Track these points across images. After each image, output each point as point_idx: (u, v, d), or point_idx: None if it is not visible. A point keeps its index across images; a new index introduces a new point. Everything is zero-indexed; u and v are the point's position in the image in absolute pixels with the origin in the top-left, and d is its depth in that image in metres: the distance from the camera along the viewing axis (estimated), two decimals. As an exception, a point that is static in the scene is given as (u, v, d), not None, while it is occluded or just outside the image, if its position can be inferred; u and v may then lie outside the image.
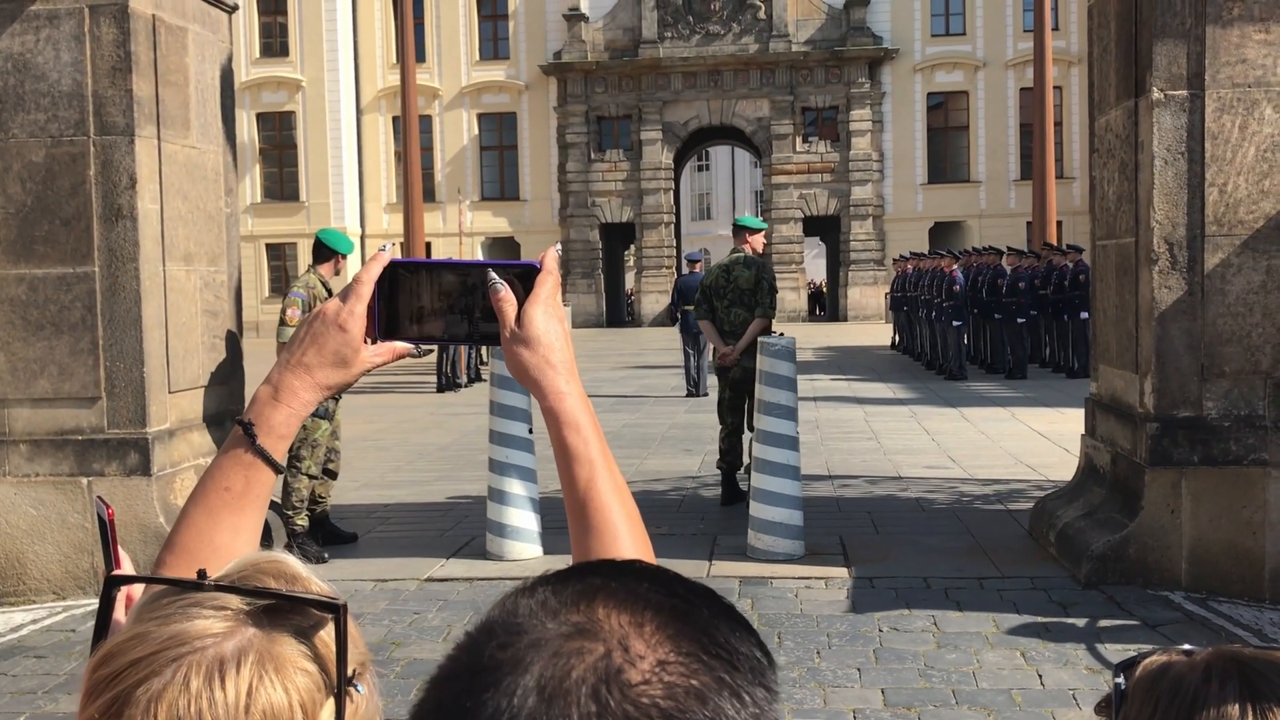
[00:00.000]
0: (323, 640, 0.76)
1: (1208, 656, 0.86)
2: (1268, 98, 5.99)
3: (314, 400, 1.11)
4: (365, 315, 1.11)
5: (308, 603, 0.76)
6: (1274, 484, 5.99)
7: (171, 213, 6.68)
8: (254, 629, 0.74)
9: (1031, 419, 13.15)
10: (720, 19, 37.55)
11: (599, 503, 1.08)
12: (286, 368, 1.11)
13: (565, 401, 1.10)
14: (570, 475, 1.09)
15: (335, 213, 37.50)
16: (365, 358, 1.12)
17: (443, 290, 1.14)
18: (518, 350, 1.10)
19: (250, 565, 0.79)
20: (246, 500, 1.08)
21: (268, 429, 1.09)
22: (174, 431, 6.65)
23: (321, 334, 1.10)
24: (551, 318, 1.11)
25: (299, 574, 0.80)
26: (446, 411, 15.49)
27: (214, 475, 1.09)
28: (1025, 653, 5.19)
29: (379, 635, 5.63)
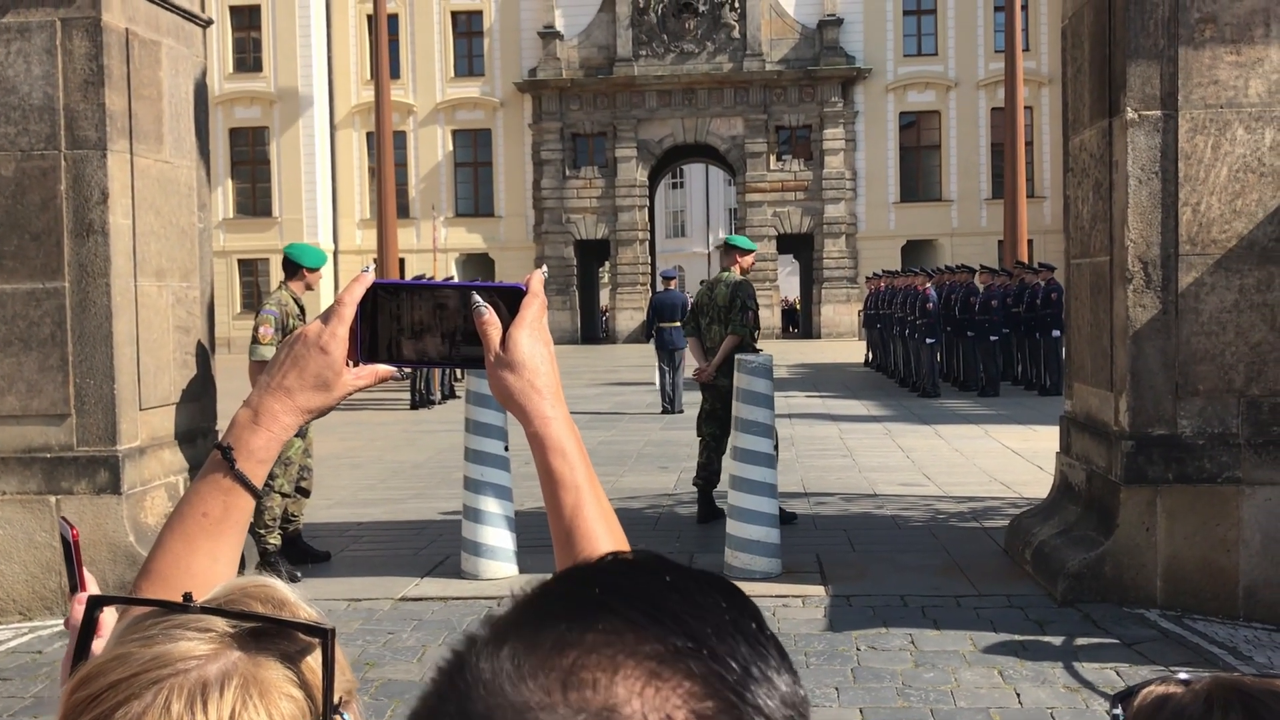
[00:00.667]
0: (309, 666, 0.73)
1: (1209, 686, 0.85)
2: (1239, 118, 6.05)
3: (295, 424, 1.09)
4: (347, 338, 1.09)
5: (295, 627, 0.73)
6: (1247, 502, 6.02)
7: (143, 228, 6.61)
8: (239, 653, 0.72)
9: (1005, 436, 13.21)
10: (695, 38, 37.72)
11: (586, 529, 1.06)
12: (267, 391, 1.08)
13: (551, 426, 1.08)
14: (556, 501, 1.07)
15: (309, 228, 37.33)
16: (347, 381, 1.09)
17: (425, 313, 1.12)
18: (502, 374, 1.09)
19: (237, 589, 0.77)
20: (225, 526, 1.05)
21: (247, 453, 1.06)
22: (145, 449, 6.56)
23: (303, 357, 1.08)
24: (537, 341, 1.10)
25: (287, 599, 0.77)
26: (421, 429, 15.41)
27: (191, 501, 1.06)
28: (1003, 671, 5.19)
29: (352, 656, 5.56)
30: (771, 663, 0.56)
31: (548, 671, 0.54)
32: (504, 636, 0.56)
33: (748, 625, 0.57)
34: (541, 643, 0.55)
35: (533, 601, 0.58)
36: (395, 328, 1.11)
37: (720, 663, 0.54)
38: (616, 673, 0.53)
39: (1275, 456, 6.01)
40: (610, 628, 0.55)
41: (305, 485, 7.47)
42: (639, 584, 0.57)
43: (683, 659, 0.54)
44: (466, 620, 6.11)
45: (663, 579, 0.58)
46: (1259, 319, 6.04)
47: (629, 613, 0.55)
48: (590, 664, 0.54)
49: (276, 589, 0.78)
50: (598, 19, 38.22)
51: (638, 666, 0.53)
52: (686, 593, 0.57)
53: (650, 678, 0.53)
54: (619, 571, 0.58)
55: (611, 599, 0.56)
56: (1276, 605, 5.95)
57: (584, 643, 0.54)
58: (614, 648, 0.54)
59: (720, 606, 0.57)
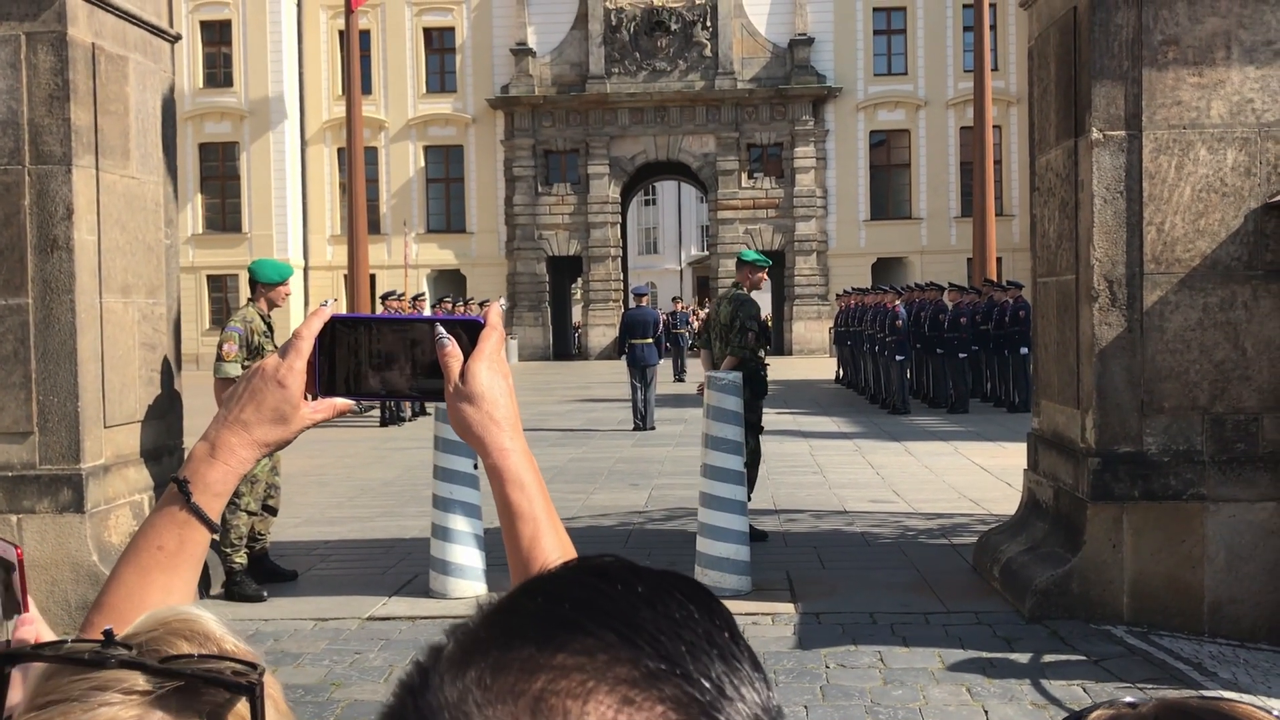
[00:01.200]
0: (239, 715, 0.71)
1: (1155, 709, 0.85)
2: (1202, 139, 6.12)
3: (252, 458, 1.09)
4: (305, 371, 1.09)
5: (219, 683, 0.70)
6: (1212, 518, 6.07)
7: (109, 244, 6.56)
8: (162, 714, 0.69)
9: (974, 453, 13.27)
10: (667, 56, 37.87)
11: (543, 561, 1.07)
12: (224, 425, 1.08)
13: (509, 458, 1.09)
14: (514, 533, 1.08)
15: (279, 244, 37.13)
16: (305, 414, 1.10)
17: (383, 346, 1.13)
18: (461, 406, 1.09)
19: (161, 624, 0.74)
20: (180, 560, 1.05)
21: (203, 487, 1.06)
22: (109, 467, 6.49)
23: (260, 390, 1.09)
24: (495, 374, 1.10)
25: (212, 633, 0.74)
26: (390, 446, 15.33)
27: (147, 533, 1.05)
28: (971, 689, 5.20)
29: (319, 676, 5.52)
30: (744, 676, 0.55)
31: (515, 697, 0.51)
32: (470, 656, 0.54)
33: (721, 638, 0.55)
34: (509, 664, 0.53)
35: (501, 617, 0.56)
36: (354, 361, 1.12)
37: (694, 685, 0.52)
38: (588, 700, 0.51)
39: (1239, 473, 6.07)
40: (582, 648, 0.53)
41: (272, 503, 7.40)
42: (610, 599, 0.55)
43: (656, 683, 0.52)
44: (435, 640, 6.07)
45: (634, 590, 0.55)
46: (1222, 337, 6.10)
47: (601, 632, 0.53)
48: (560, 690, 0.51)
49: (201, 622, 0.75)
50: (570, 36, 38.31)
51: (610, 694, 0.51)
52: (659, 606, 0.55)
53: (622, 704, 0.51)
54: (589, 585, 0.56)
55: (582, 616, 0.54)
56: (1241, 620, 6.00)
57: (554, 665, 0.52)
58: (585, 672, 0.52)
59: (694, 619, 0.55)
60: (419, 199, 39.03)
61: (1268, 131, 6.08)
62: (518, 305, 38.34)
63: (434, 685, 0.54)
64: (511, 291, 38.46)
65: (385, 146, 38.69)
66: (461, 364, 1.10)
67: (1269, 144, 6.08)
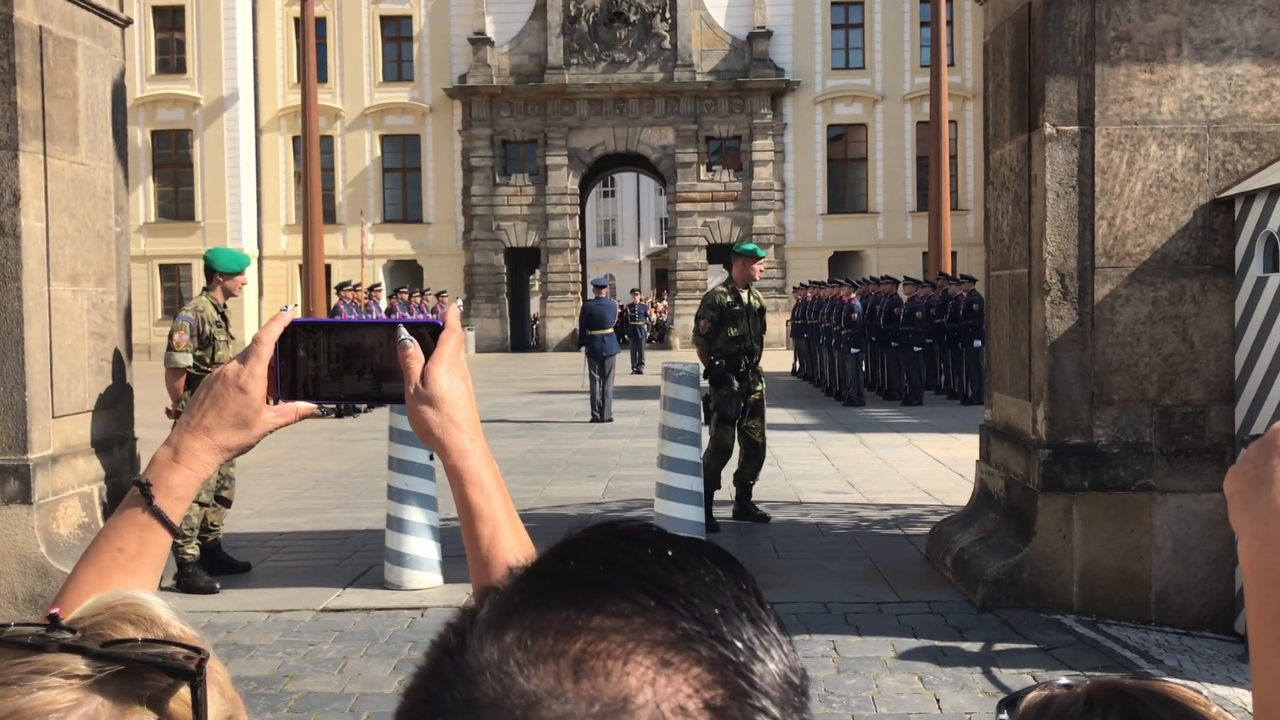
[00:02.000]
0: (181, 700, 0.70)
1: (1089, 688, 0.87)
2: (1153, 135, 6.21)
3: (214, 462, 1.10)
4: (265, 376, 1.11)
5: (162, 667, 0.69)
6: (1160, 509, 6.17)
7: (57, 231, 6.45)
8: (100, 698, 0.68)
9: (927, 445, 13.39)
10: (626, 47, 37.81)
11: (502, 560, 1.08)
12: (186, 430, 1.10)
13: (469, 460, 1.10)
14: (474, 532, 1.09)
15: (232, 233, 36.71)
16: (267, 419, 1.12)
17: (343, 350, 1.15)
18: (421, 409, 1.11)
19: (106, 608, 0.73)
20: (140, 562, 1.05)
21: (165, 490, 1.07)
22: (57, 458, 6.40)
23: (221, 396, 1.10)
24: (455, 376, 1.12)
25: (158, 618, 0.73)
26: (345, 437, 15.22)
27: (108, 536, 1.06)
28: (923, 677, 5.25)
29: (272, 668, 5.47)
30: (772, 638, 0.56)
31: (557, 658, 0.52)
32: (507, 618, 0.54)
33: (749, 601, 0.56)
34: (548, 626, 0.53)
35: (535, 580, 0.56)
36: (314, 365, 1.14)
37: (728, 646, 0.54)
38: (627, 661, 0.52)
39: (1186, 465, 6.17)
40: (618, 611, 0.53)
41: (226, 494, 7.33)
42: (643, 562, 0.56)
43: (691, 644, 0.53)
44: (390, 631, 6.04)
45: (665, 554, 0.56)
46: (1171, 330, 6.19)
47: (636, 595, 0.54)
48: (600, 652, 0.52)
49: (147, 606, 0.74)
50: (529, 26, 38.14)
51: (648, 655, 0.52)
52: (691, 570, 0.56)
53: (661, 666, 0.52)
54: (621, 549, 0.56)
55: (617, 579, 0.55)
56: (1187, 609, 6.10)
57: (592, 627, 0.53)
58: (623, 634, 0.53)
59: (722, 583, 0.56)
60: (375, 189, 38.73)
61: (1216, 128, 6.18)
62: (475, 297, 38.17)
63: (472, 647, 0.54)
64: (469, 283, 38.29)
65: (341, 135, 38.35)
66: (422, 365, 1.11)
67: (1217, 140, 6.18)
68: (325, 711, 4.89)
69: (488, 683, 0.52)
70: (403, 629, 6.09)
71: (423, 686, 0.55)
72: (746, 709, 0.52)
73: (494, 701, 0.52)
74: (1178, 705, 0.85)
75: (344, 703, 5.00)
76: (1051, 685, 0.89)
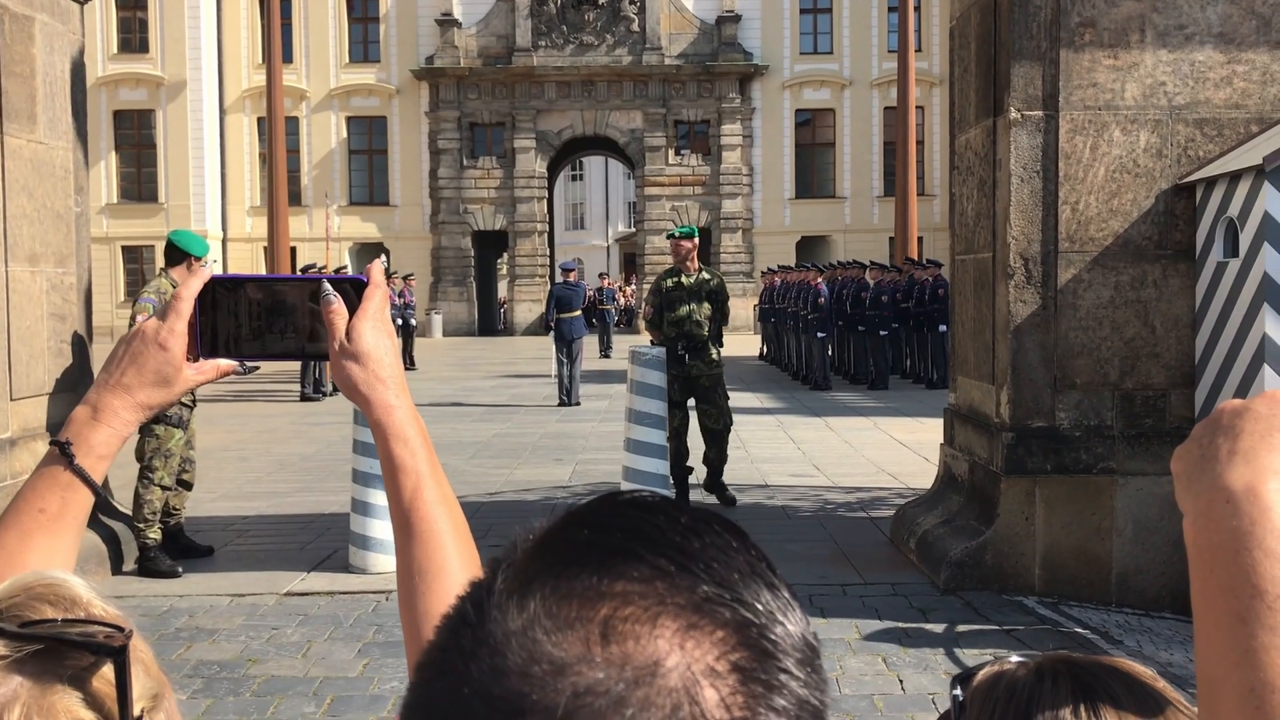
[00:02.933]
0: (104, 679, 0.68)
1: (1040, 661, 0.89)
2: (1116, 120, 6.25)
3: (135, 420, 1.08)
4: (186, 333, 1.08)
5: (82, 646, 0.68)
6: (1121, 492, 6.24)
7: (15, 210, 6.35)
8: (20, 678, 0.66)
9: (893, 428, 13.47)
10: (594, 30, 37.66)
11: (423, 513, 1.07)
12: (105, 388, 1.07)
13: (394, 415, 1.09)
14: (396, 486, 1.08)
15: (196, 215, 36.33)
16: (187, 376, 1.09)
17: (266, 306, 1.12)
18: (347, 365, 1.09)
19: (23, 589, 0.71)
20: (62, 523, 1.03)
21: (86, 448, 1.05)
22: (16, 440, 6.32)
23: (141, 353, 1.08)
24: (380, 332, 1.11)
25: (78, 597, 0.71)
26: (309, 421, 15.12)
27: (27, 496, 1.03)
28: (886, 658, 5.29)
29: (235, 651, 5.44)
30: (787, 602, 0.56)
31: (584, 624, 0.52)
32: (528, 586, 0.54)
33: (761, 567, 0.56)
34: (571, 593, 0.53)
35: (552, 548, 0.56)
36: (235, 322, 1.12)
37: (749, 609, 0.54)
38: (655, 625, 0.52)
39: (1147, 448, 6.23)
40: (640, 575, 0.53)
41: (187, 478, 7.27)
42: (659, 528, 0.55)
43: (714, 607, 0.53)
44: (354, 615, 6.02)
45: (678, 521, 0.56)
46: (1133, 315, 6.25)
47: (657, 560, 0.54)
48: (628, 616, 0.52)
49: (67, 585, 0.72)
50: (496, 8, 37.91)
51: (675, 618, 0.52)
52: (706, 536, 0.56)
53: (688, 629, 0.52)
54: (635, 516, 0.56)
55: (635, 545, 0.54)
56: (1146, 591, 6.18)
57: (616, 593, 0.53)
58: (648, 599, 0.53)
59: (734, 548, 0.56)
60: (341, 171, 38.43)
61: (1178, 114, 6.23)
62: (442, 280, 37.99)
63: (493, 617, 0.53)
64: (436, 266, 38.10)
65: (306, 117, 38.00)
66: (346, 322, 1.10)
67: (1179, 126, 6.23)
68: (289, 695, 4.87)
69: (514, 650, 0.52)
70: (367, 613, 6.06)
71: (441, 659, 0.54)
72: (771, 669, 0.53)
73: (522, 669, 0.51)
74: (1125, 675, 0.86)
75: (308, 686, 4.98)
76: (1003, 661, 0.90)
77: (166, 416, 6.97)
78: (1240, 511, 0.79)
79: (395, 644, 5.50)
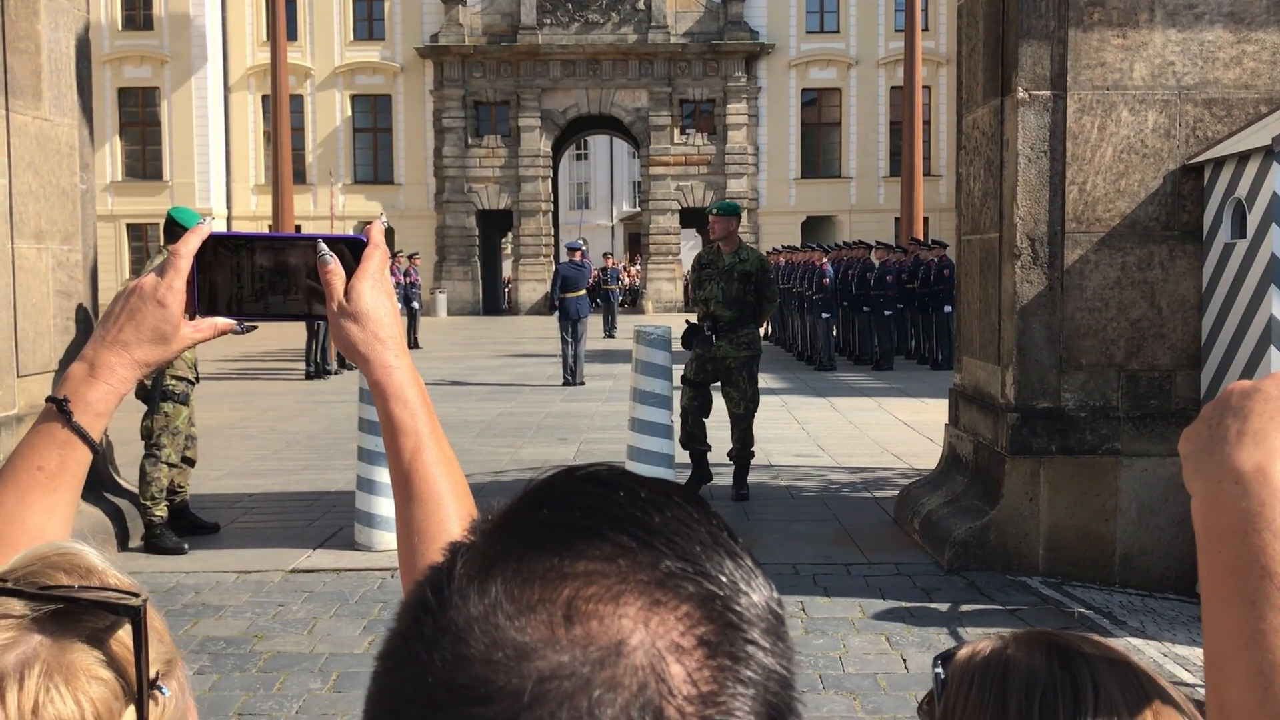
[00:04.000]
0: (121, 642, 0.69)
1: (1017, 635, 0.90)
2: (1124, 100, 6.22)
3: (132, 377, 1.07)
4: (184, 290, 1.07)
5: (99, 606, 0.69)
6: (1125, 472, 6.24)
7: (21, 188, 6.35)
8: (40, 636, 0.67)
9: (897, 409, 13.47)
10: (599, 8, 37.50)
11: (424, 473, 1.07)
12: (103, 344, 1.06)
13: (394, 375, 1.09)
14: (395, 447, 1.08)
15: (200, 193, 36.31)
16: (185, 334, 1.08)
17: (266, 265, 1.11)
18: (346, 325, 1.09)
19: (39, 559, 0.72)
20: (61, 480, 1.02)
21: (84, 406, 1.04)
22: (23, 416, 6.33)
23: (139, 310, 1.07)
24: (379, 292, 1.10)
25: (94, 566, 0.72)
26: (315, 399, 15.15)
27: (24, 454, 1.02)
28: (890, 638, 5.30)
29: (241, 628, 5.47)
30: (750, 570, 0.56)
31: (546, 606, 0.51)
32: (489, 570, 0.53)
33: (723, 536, 0.56)
34: (533, 575, 0.52)
35: (511, 531, 0.55)
36: (235, 281, 1.10)
37: (713, 581, 0.53)
38: (618, 604, 0.52)
39: (1152, 429, 6.23)
40: (601, 554, 0.53)
41: (190, 454, 7.28)
42: (619, 504, 0.55)
43: (677, 582, 0.53)
44: (360, 592, 6.04)
45: (638, 496, 0.56)
46: (1139, 296, 6.24)
47: (618, 538, 0.53)
48: (591, 596, 0.52)
49: (83, 555, 0.73)
50: (501, -14, 37.76)
51: (638, 596, 0.52)
52: (666, 509, 0.55)
53: (652, 606, 0.52)
54: (594, 493, 0.56)
55: (595, 522, 0.54)
56: (1150, 571, 6.19)
57: (578, 573, 0.52)
58: (610, 577, 0.52)
59: (695, 519, 0.56)
60: (345, 149, 38.37)
61: (1187, 94, 6.20)
62: (447, 259, 37.96)
63: (454, 603, 0.52)
64: (440, 245, 38.07)
65: (311, 95, 37.91)
66: (345, 282, 1.09)
67: (1188, 106, 6.20)
68: (295, 671, 4.90)
69: (476, 637, 0.51)
70: (372, 589, 6.09)
71: (403, 648, 0.53)
72: (737, 640, 0.53)
73: (484, 656, 0.50)
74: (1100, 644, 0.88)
75: (313, 663, 5.00)
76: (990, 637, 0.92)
77: (173, 394, 6.99)
78: (1250, 492, 0.79)
79: (401, 621, 5.52)
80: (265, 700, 4.61)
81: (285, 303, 1.12)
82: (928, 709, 0.90)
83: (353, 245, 1.10)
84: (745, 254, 8.33)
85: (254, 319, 1.12)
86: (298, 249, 1.11)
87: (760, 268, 8.32)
